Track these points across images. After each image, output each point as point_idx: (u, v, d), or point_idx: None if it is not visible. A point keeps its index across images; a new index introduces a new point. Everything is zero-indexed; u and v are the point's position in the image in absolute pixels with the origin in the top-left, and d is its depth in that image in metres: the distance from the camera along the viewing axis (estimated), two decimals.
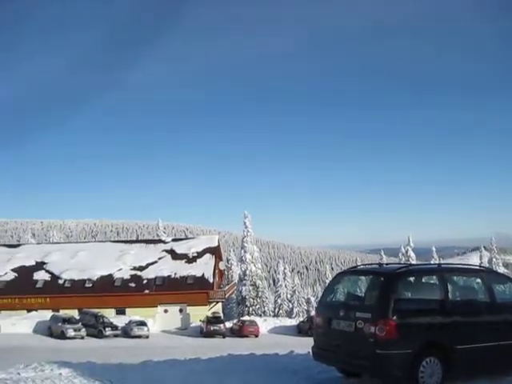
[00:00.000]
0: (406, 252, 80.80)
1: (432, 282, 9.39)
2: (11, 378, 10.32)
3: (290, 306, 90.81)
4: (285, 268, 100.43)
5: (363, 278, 9.77)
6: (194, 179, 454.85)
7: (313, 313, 73.20)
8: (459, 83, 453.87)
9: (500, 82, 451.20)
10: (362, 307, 8.77)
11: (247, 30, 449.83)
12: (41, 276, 63.68)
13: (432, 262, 57.09)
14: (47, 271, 64.33)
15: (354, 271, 10.38)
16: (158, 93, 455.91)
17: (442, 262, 62.82)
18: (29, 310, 57.18)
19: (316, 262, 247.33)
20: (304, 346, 14.15)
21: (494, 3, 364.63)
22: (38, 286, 62.37)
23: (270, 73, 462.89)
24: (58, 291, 60.82)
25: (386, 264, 11.01)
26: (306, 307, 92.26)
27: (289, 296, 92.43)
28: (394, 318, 8.20)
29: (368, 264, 10.91)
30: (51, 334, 48.37)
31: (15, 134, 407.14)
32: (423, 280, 9.53)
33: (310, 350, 10.05)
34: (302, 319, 61.94)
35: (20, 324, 51.13)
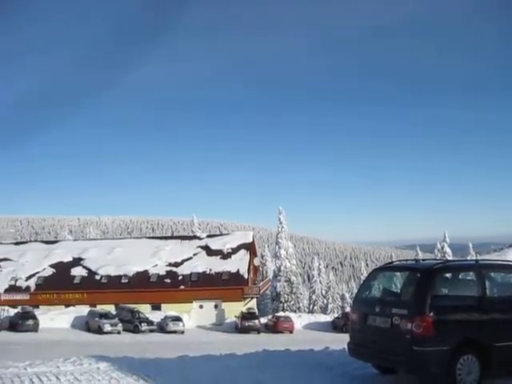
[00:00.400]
0: (442, 248, 79.97)
1: (469, 278, 9.27)
2: (51, 371, 10.51)
3: (325, 302, 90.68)
4: (319, 264, 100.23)
5: (399, 273, 9.68)
6: (229, 175, 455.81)
7: (348, 309, 73.05)
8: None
9: None
10: (398, 303, 8.71)
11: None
12: (78, 272, 64.57)
13: (469, 258, 56.47)
14: (84, 267, 65.18)
15: (390, 267, 10.29)
16: (192, 89, 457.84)
17: (478, 258, 61.96)
18: (67, 305, 57.98)
19: (351, 258, 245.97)
20: (339, 342, 14.10)
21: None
22: (75, 281, 63.26)
23: (293, 69, 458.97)
24: (94, 287, 61.60)
25: (423, 260, 10.92)
26: (340, 303, 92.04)
27: (323, 292, 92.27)
28: (431, 314, 8.13)
29: (404, 260, 10.79)
30: (88, 329, 48.94)
31: (48, 132, 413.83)
32: (460, 276, 9.41)
33: (346, 346, 10.03)
34: (336, 315, 61.73)
35: (58, 319, 51.84)
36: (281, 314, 59.92)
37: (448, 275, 9.23)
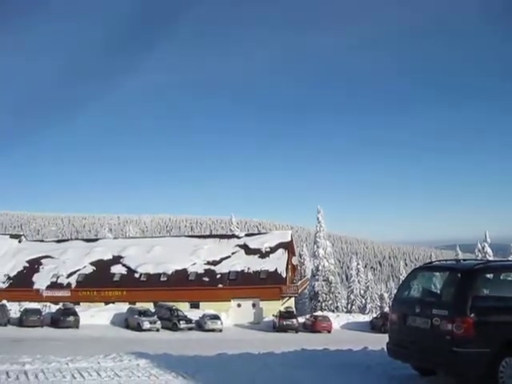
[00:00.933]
0: (483, 248, 78.73)
1: (511, 279, 9.13)
2: (92, 366, 10.68)
3: (363, 301, 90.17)
4: (358, 263, 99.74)
5: (440, 274, 9.59)
6: (267, 175, 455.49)
7: (386, 309, 72.50)
8: None
9: None
10: (438, 304, 8.61)
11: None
12: (118, 270, 65.35)
13: (511, 259, 55.47)
14: (124, 265, 65.93)
15: (430, 267, 10.19)
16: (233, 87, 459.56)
17: None
18: (106, 303, 58.73)
19: (390, 258, 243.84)
20: (378, 342, 14.01)
21: None
22: (115, 279, 64.04)
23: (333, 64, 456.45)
24: (134, 284, 62.29)
25: (463, 260, 10.77)
26: (379, 303, 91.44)
27: (362, 292, 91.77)
28: (472, 315, 8.02)
29: (444, 260, 10.67)
30: (128, 326, 49.56)
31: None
32: (502, 277, 9.24)
33: (385, 347, 9.97)
34: (375, 315, 61.31)
35: (98, 316, 52.59)
36: (319, 313, 59.79)
37: (489, 276, 9.10)
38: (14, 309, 51.62)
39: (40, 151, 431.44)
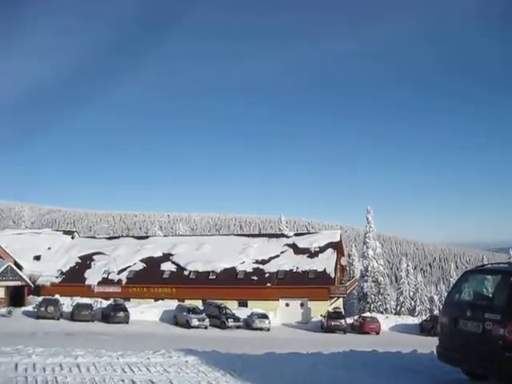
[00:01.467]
0: None
1: None
2: (141, 362, 10.86)
3: (413, 304, 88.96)
4: (408, 265, 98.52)
5: (492, 277, 9.41)
6: (316, 175, 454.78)
7: (436, 312, 71.35)
8: None
9: None
10: (490, 308, 8.46)
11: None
12: (167, 267, 66.04)
13: None
14: (173, 262, 66.58)
15: (483, 270, 10.01)
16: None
17: None
18: (156, 299, 59.54)
19: (440, 260, 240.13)
20: (427, 345, 13.87)
21: None
22: (164, 276, 64.74)
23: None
24: (183, 282, 62.87)
25: None
26: (428, 306, 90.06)
27: (411, 294, 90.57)
28: None
29: (496, 263, 10.46)
30: (176, 323, 50.09)
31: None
32: None
33: (435, 350, 9.84)
34: (424, 318, 60.49)
35: (148, 312, 53.29)
36: (367, 314, 59.30)
37: None
38: (67, 303, 52.94)
39: (95, 151, 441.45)
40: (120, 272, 65.88)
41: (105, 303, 53.78)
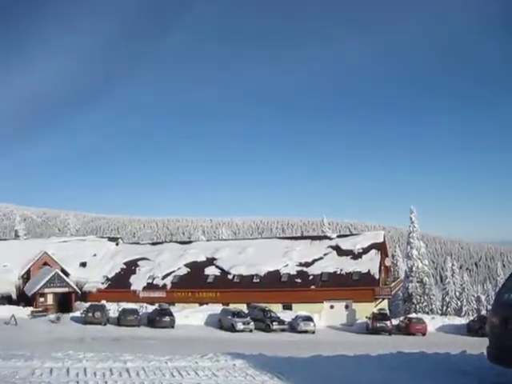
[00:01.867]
0: None
1: None
2: (190, 366, 10.99)
3: (459, 304, 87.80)
4: (453, 264, 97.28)
5: None
6: (357, 176, 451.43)
7: (483, 311, 70.10)
8: None
9: None
10: None
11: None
12: (211, 271, 66.35)
13: None
14: (217, 267, 66.88)
15: None
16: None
17: None
18: (200, 304, 59.86)
19: (486, 259, 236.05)
20: (475, 346, 13.70)
21: None
22: (208, 280, 65.05)
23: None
24: (227, 286, 63.10)
25: None
26: (475, 306, 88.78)
27: (457, 294, 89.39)
28: None
29: None
30: (221, 327, 50.28)
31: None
32: None
33: (484, 351, 9.68)
34: (472, 318, 59.50)
35: (193, 316, 53.63)
36: (413, 315, 58.61)
37: None
38: (113, 309, 53.70)
39: (134, 160, 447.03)
40: (164, 277, 66.43)
41: (150, 308, 54.30)
